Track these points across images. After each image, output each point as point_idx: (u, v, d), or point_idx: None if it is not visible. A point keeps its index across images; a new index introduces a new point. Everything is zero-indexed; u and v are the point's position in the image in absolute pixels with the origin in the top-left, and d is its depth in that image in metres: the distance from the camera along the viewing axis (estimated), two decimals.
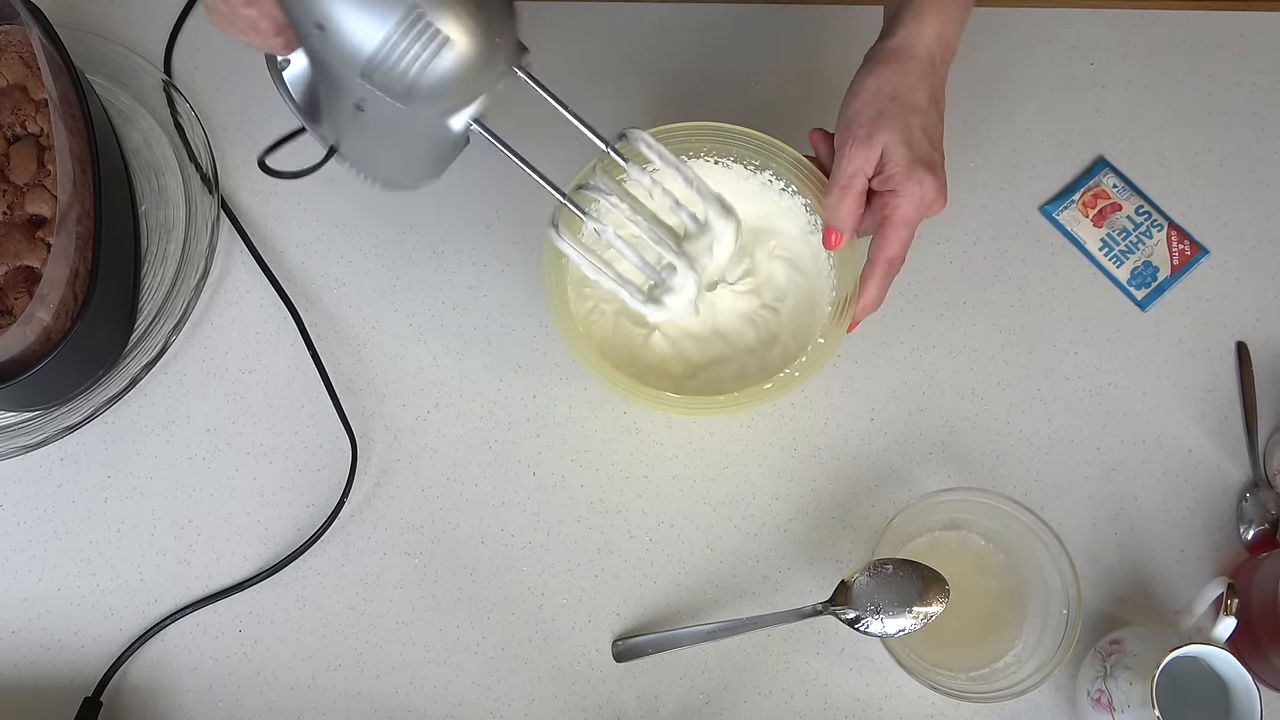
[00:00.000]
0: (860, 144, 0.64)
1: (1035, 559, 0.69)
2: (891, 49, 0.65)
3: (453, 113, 0.57)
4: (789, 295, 0.74)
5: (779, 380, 0.68)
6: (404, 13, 0.51)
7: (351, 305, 0.80)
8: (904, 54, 0.65)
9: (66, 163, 0.70)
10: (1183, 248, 0.80)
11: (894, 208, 0.64)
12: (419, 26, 0.52)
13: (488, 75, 0.55)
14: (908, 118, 0.64)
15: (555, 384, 0.78)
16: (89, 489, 0.77)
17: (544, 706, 0.72)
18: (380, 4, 0.52)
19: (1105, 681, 0.65)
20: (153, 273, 0.80)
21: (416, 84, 0.53)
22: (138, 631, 0.74)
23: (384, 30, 0.52)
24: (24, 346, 0.69)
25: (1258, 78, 0.84)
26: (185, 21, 0.87)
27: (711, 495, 0.76)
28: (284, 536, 0.76)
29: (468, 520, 0.76)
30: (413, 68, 0.53)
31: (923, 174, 0.63)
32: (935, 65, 0.65)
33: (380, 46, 0.52)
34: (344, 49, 0.53)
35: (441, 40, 0.52)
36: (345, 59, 0.54)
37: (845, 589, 0.68)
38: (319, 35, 0.54)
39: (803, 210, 0.72)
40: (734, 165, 0.73)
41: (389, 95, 0.54)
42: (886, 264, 0.66)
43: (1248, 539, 0.73)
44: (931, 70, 0.65)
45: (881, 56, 0.65)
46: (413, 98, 0.54)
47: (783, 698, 0.72)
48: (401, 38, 0.52)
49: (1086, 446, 0.76)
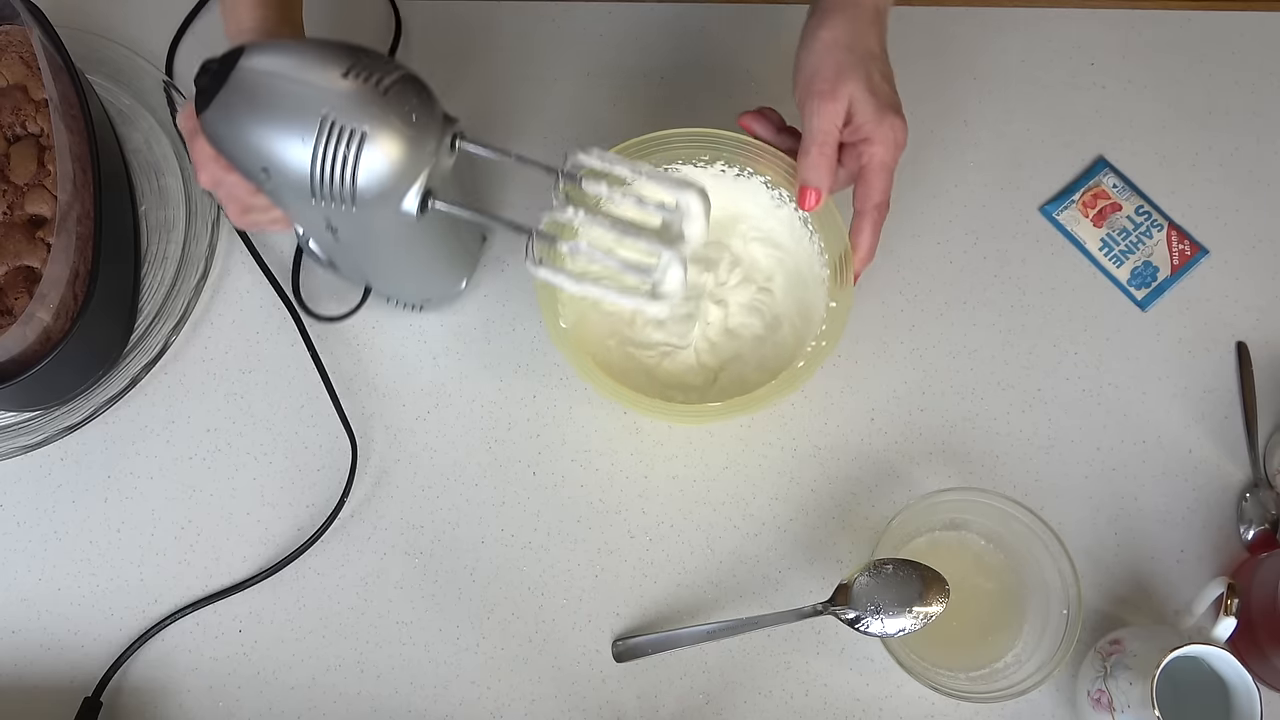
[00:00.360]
0: (827, 99, 0.64)
1: (1035, 559, 0.69)
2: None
3: (401, 199, 0.60)
4: (777, 272, 0.75)
5: (809, 355, 0.68)
6: (319, 124, 0.56)
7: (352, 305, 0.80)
8: (852, 3, 0.65)
9: (66, 163, 0.70)
10: (1183, 248, 0.80)
11: (870, 155, 0.65)
12: (336, 132, 0.56)
13: (419, 154, 0.59)
14: (868, 65, 0.64)
15: (555, 384, 0.78)
16: (89, 489, 0.77)
17: (544, 706, 0.72)
18: (298, 125, 0.56)
19: (1105, 681, 0.65)
20: (153, 273, 0.80)
21: (357, 184, 0.57)
22: (138, 631, 0.74)
23: (309, 146, 0.56)
24: (24, 346, 0.69)
25: (1258, 78, 0.84)
26: (191, 23, 0.87)
27: (711, 495, 0.76)
28: (284, 536, 0.76)
29: (468, 520, 0.76)
30: (347, 170, 0.57)
31: (892, 118, 0.64)
32: (881, 10, 0.66)
33: (313, 163, 0.57)
34: (290, 180, 0.58)
35: (360, 136, 0.56)
36: (296, 189, 0.58)
37: (845, 589, 0.68)
38: (268, 179, 0.59)
39: (763, 188, 0.73)
40: (683, 167, 0.73)
41: (342, 205, 0.58)
42: (875, 211, 0.66)
43: (1248, 539, 0.73)
44: (878, 16, 0.66)
45: (830, 6, 0.65)
46: (360, 199, 0.58)
47: (783, 698, 0.72)
48: (326, 147, 0.56)
49: (1086, 446, 0.76)
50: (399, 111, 0.57)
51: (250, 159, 0.58)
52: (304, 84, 0.56)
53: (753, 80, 0.85)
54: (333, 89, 0.56)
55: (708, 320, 0.74)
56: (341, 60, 0.57)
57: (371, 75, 0.57)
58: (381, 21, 0.87)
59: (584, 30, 0.87)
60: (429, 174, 0.60)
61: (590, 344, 0.73)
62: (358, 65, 0.57)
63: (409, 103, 0.58)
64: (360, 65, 0.57)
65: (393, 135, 0.57)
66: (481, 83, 0.85)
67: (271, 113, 0.57)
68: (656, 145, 0.71)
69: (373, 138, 0.56)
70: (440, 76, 0.86)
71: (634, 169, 0.60)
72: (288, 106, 0.56)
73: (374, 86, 0.56)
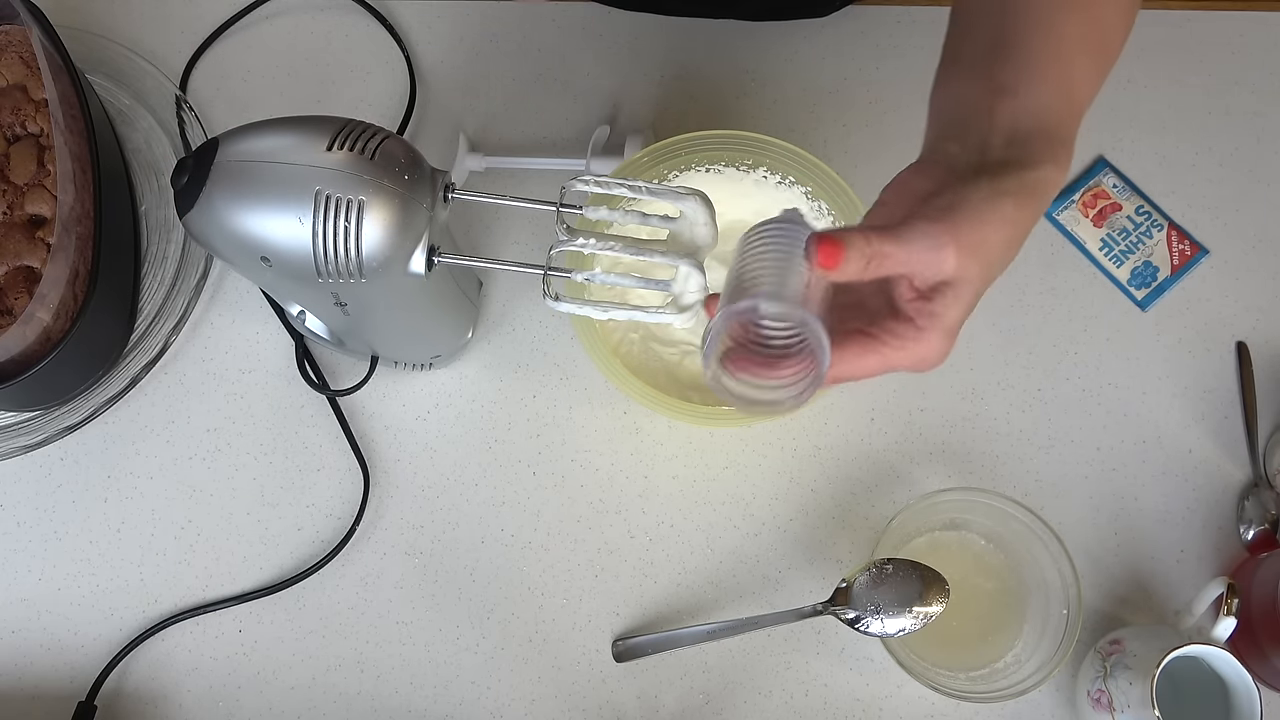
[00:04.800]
0: (930, 248, 0.47)
1: (1035, 559, 0.69)
2: (1033, 184, 0.49)
3: (408, 260, 0.59)
4: None
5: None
6: (314, 201, 0.55)
7: None
8: (1039, 195, 0.49)
9: (66, 163, 0.70)
10: (1183, 248, 0.80)
11: (887, 334, 0.49)
12: (333, 206, 0.55)
13: (417, 212, 0.58)
14: (989, 274, 0.49)
15: (555, 384, 0.78)
16: (89, 489, 0.77)
17: (544, 706, 0.72)
18: (294, 207, 0.55)
19: (1105, 681, 0.65)
20: (153, 273, 0.80)
21: (363, 255, 0.56)
22: (137, 631, 0.74)
23: (308, 226, 0.55)
24: (24, 346, 0.69)
25: (1258, 78, 0.84)
26: (210, 45, 0.87)
27: (711, 495, 0.76)
28: (284, 536, 0.76)
29: (468, 520, 0.76)
30: (350, 243, 0.56)
31: (937, 337, 0.49)
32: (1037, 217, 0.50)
33: (315, 242, 0.55)
34: (292, 264, 0.57)
35: (358, 206, 0.55)
36: (299, 272, 0.57)
37: (845, 589, 0.68)
38: (269, 268, 0.57)
39: (803, 199, 0.73)
40: (726, 169, 0.73)
41: (349, 279, 0.57)
42: (839, 360, 0.49)
43: (1248, 539, 0.73)
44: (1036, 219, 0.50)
45: (1021, 188, 0.48)
46: (367, 268, 0.57)
47: (783, 698, 0.72)
48: (326, 223, 0.55)
49: (1086, 446, 0.76)
50: (391, 174, 0.56)
51: (247, 252, 0.57)
52: (292, 164, 0.55)
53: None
54: (322, 163, 0.55)
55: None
56: (324, 132, 0.56)
57: (357, 142, 0.56)
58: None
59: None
60: (429, 230, 0.59)
61: (613, 338, 0.73)
62: (341, 134, 0.56)
63: (398, 163, 0.57)
64: (344, 134, 0.56)
65: (390, 198, 0.56)
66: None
67: (264, 199, 0.55)
68: (699, 145, 0.71)
69: (371, 205, 0.55)
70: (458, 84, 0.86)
71: (632, 187, 0.59)
72: (280, 189, 0.55)
73: (361, 153, 0.56)
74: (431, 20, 0.87)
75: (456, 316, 0.74)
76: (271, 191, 0.55)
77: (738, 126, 0.71)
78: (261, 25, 0.87)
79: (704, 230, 0.60)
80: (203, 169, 0.56)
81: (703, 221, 0.60)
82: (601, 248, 0.59)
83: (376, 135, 0.57)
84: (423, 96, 0.85)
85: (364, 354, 0.75)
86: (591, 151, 0.79)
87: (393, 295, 0.63)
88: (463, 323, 0.76)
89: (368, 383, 0.75)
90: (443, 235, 0.62)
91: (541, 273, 0.59)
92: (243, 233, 0.56)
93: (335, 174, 0.55)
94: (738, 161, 0.73)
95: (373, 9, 0.87)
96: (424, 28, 0.87)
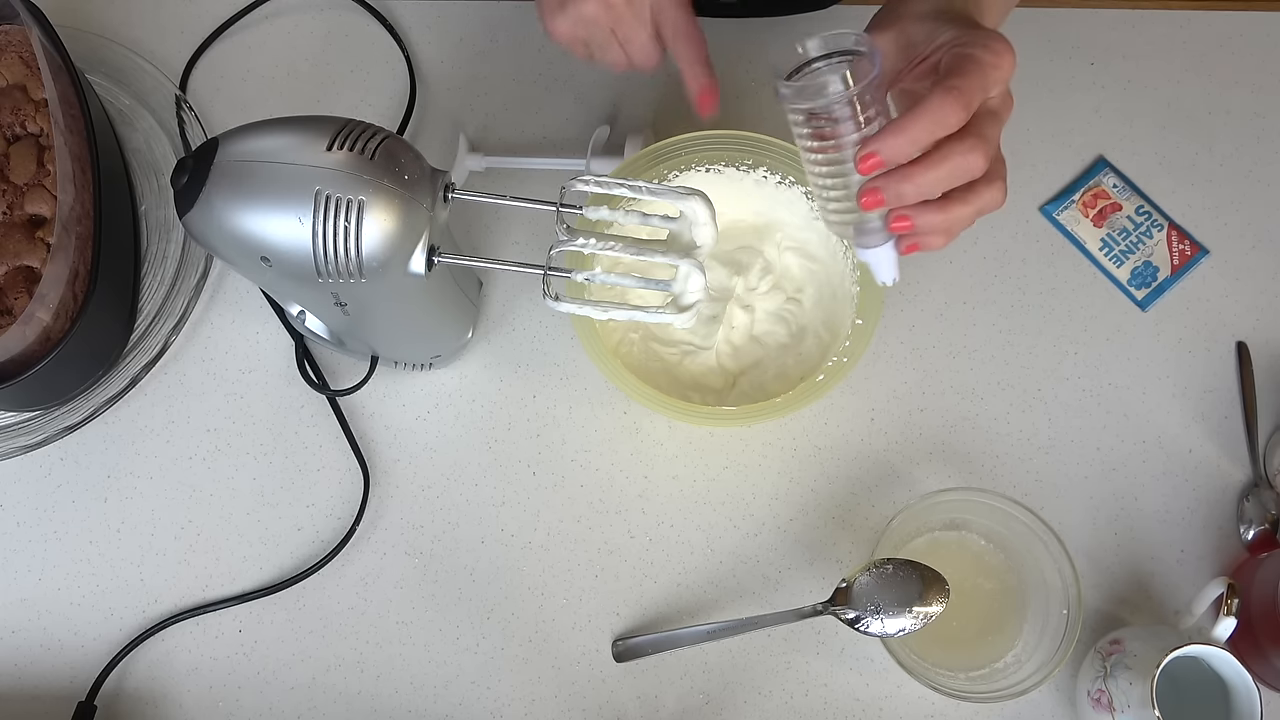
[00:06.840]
0: (896, 37, 0.58)
1: (1035, 559, 0.69)
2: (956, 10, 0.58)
3: (407, 260, 0.59)
4: (808, 284, 0.75)
5: (830, 369, 0.68)
6: (314, 201, 0.55)
7: None
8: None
9: (66, 163, 0.70)
10: (1183, 248, 0.80)
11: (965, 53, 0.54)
12: (333, 206, 0.55)
13: (417, 212, 0.58)
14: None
15: (555, 384, 0.78)
16: (89, 489, 0.77)
17: (544, 706, 0.72)
18: (294, 207, 0.55)
19: (1105, 681, 0.65)
20: (153, 273, 0.80)
21: (363, 255, 0.56)
22: (137, 631, 0.74)
23: (308, 226, 0.55)
24: (24, 346, 0.69)
25: (1258, 78, 0.84)
26: (209, 47, 0.87)
27: (711, 495, 0.76)
28: (284, 536, 0.76)
29: (468, 520, 0.76)
30: (350, 243, 0.56)
31: (982, 31, 0.55)
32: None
33: (315, 242, 0.55)
34: (292, 264, 0.57)
35: (358, 205, 0.55)
36: (299, 272, 0.57)
37: (845, 589, 0.68)
38: (269, 268, 0.58)
39: (803, 198, 0.73)
40: (726, 169, 0.73)
41: (349, 279, 0.57)
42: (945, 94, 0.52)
43: (1248, 539, 0.73)
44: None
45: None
46: (367, 268, 0.57)
47: (783, 698, 0.72)
48: (326, 223, 0.55)
49: (1086, 446, 0.76)
50: (391, 173, 0.56)
51: (247, 252, 0.57)
52: (292, 164, 0.55)
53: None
54: (322, 163, 0.55)
55: (733, 324, 0.74)
56: (324, 132, 0.56)
57: (357, 142, 0.56)
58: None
59: None
60: (429, 230, 0.59)
61: (613, 338, 0.74)
62: (341, 134, 0.56)
63: (398, 163, 0.57)
64: (344, 134, 0.56)
65: (390, 198, 0.56)
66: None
67: (264, 199, 0.55)
68: (699, 145, 0.71)
69: (371, 204, 0.55)
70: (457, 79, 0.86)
71: (632, 187, 0.59)
72: (280, 189, 0.55)
73: (361, 153, 0.56)
74: (431, 20, 0.87)
75: (456, 316, 0.74)
76: (271, 191, 0.55)
77: (738, 126, 0.71)
78: (261, 25, 0.88)
79: (704, 230, 0.60)
80: (202, 169, 0.56)
81: (703, 221, 0.59)
82: (601, 248, 0.59)
83: (376, 135, 0.57)
84: (423, 96, 0.85)
85: (364, 354, 0.75)
86: (591, 151, 0.79)
87: (393, 295, 0.63)
88: (463, 323, 0.76)
89: (368, 383, 0.75)
90: (443, 235, 0.62)
91: (541, 273, 0.59)
92: (242, 233, 0.56)
93: (335, 174, 0.55)
94: (738, 161, 0.73)
95: (373, 9, 0.87)
96: (424, 28, 0.87)
